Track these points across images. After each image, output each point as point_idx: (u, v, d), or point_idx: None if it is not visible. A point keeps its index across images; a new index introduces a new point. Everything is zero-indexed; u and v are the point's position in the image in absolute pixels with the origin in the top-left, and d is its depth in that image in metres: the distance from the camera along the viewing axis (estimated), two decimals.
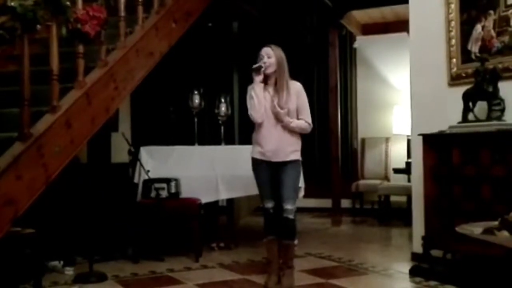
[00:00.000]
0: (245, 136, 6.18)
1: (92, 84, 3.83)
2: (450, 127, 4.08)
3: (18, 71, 3.35)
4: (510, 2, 4.02)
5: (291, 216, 3.83)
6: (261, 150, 3.88)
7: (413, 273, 4.15)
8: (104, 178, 4.86)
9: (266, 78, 3.87)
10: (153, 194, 4.77)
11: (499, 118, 3.85)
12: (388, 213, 7.11)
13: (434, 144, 4.12)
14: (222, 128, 5.64)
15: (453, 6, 4.35)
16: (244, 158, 4.24)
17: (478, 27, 4.22)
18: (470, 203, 3.78)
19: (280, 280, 3.89)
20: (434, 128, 4.16)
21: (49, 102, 3.50)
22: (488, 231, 2.30)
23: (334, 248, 5.31)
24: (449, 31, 4.38)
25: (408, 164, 6.28)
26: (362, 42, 8.01)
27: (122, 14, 4.26)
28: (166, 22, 4.77)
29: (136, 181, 5.06)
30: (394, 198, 7.13)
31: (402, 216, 6.39)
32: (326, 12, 6.85)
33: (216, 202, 5.45)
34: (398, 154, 7.48)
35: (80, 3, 3.73)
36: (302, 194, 5.02)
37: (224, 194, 5.18)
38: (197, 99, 5.49)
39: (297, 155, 3.92)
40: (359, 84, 8.08)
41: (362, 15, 7.53)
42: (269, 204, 3.91)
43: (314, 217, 7.50)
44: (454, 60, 4.36)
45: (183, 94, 5.73)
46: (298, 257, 4.57)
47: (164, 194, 4.78)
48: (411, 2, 4.75)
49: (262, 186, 3.94)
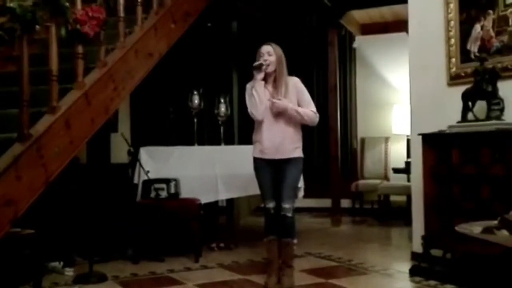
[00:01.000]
0: (244, 136, 6.19)
1: (91, 84, 3.83)
2: (450, 127, 4.08)
3: (17, 72, 3.34)
4: (509, 1, 4.02)
5: (289, 214, 3.84)
6: (262, 148, 3.88)
7: (413, 272, 4.15)
8: (103, 178, 4.87)
9: (265, 76, 3.88)
10: (152, 195, 4.78)
11: (499, 118, 3.85)
12: (387, 212, 7.11)
13: (434, 143, 4.12)
14: (222, 128, 5.63)
15: (452, 6, 4.36)
16: (243, 158, 4.24)
17: (477, 27, 4.22)
18: (470, 203, 3.78)
19: (280, 280, 3.88)
20: (433, 127, 4.16)
21: (48, 103, 3.49)
22: (487, 231, 2.31)
23: (334, 248, 5.31)
24: (448, 31, 4.38)
25: (407, 163, 6.28)
26: (361, 42, 8.01)
27: (121, 14, 4.25)
28: (165, 23, 4.77)
29: (135, 181, 5.05)
30: (393, 198, 7.13)
31: (402, 215, 6.38)
32: (325, 12, 6.84)
33: (216, 202, 5.45)
34: (397, 153, 7.47)
35: (79, 4, 3.73)
36: (301, 194, 5.03)
37: (223, 194, 5.18)
38: (196, 99, 5.49)
39: (299, 152, 3.93)
40: (359, 83, 8.08)
41: (362, 15, 7.53)
42: (270, 204, 3.91)
43: (313, 217, 7.50)
44: (453, 59, 4.36)
45: (183, 94, 5.73)
46: (298, 257, 4.57)
47: (163, 194, 4.79)
48: (410, 2, 4.75)
49: (264, 186, 3.93)
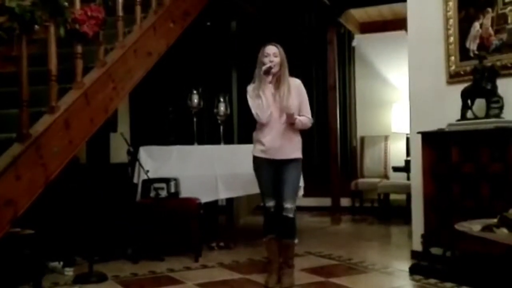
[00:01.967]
0: (244, 135, 6.19)
1: (90, 84, 3.83)
2: (449, 125, 4.08)
3: (16, 72, 3.34)
4: None
5: (291, 215, 3.84)
6: (263, 148, 3.88)
7: (412, 271, 4.15)
8: (103, 178, 4.86)
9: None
10: (152, 194, 4.78)
11: (498, 116, 3.85)
12: (387, 211, 7.11)
13: (433, 142, 4.12)
14: (221, 127, 5.63)
15: (451, 4, 4.35)
16: (243, 157, 4.24)
17: (476, 25, 4.22)
18: (469, 201, 3.79)
19: (280, 279, 3.89)
20: (433, 126, 4.16)
21: (47, 103, 3.49)
22: (487, 229, 2.30)
23: (334, 246, 5.31)
24: (447, 29, 4.38)
25: (407, 162, 6.29)
26: (360, 41, 8.01)
27: (120, 14, 4.25)
28: (164, 22, 4.76)
29: (135, 181, 5.06)
30: (393, 196, 7.13)
31: (402, 214, 6.39)
32: (324, 10, 6.85)
33: (215, 202, 5.45)
34: (397, 152, 7.48)
35: (78, 4, 3.72)
36: (301, 193, 5.02)
37: (223, 194, 5.18)
38: (196, 99, 5.49)
39: (299, 153, 3.95)
40: (358, 82, 8.08)
41: (360, 13, 7.53)
42: (270, 203, 3.91)
43: (313, 216, 7.50)
44: (453, 58, 4.36)
45: (182, 93, 5.73)
46: (298, 256, 4.57)
47: (163, 194, 4.79)
48: (409, 0, 4.74)
49: (264, 185, 3.93)
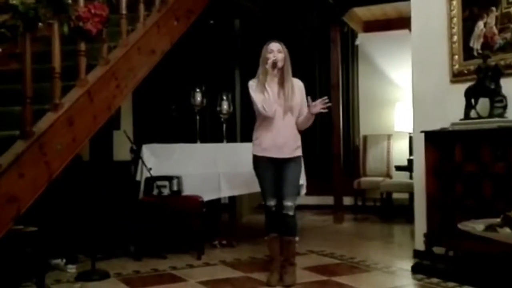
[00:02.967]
0: (247, 133, 6.17)
1: (94, 82, 3.83)
2: (452, 124, 4.07)
3: (20, 69, 3.35)
4: None
5: (291, 212, 3.84)
6: (264, 146, 3.88)
7: (415, 270, 4.15)
8: (106, 176, 4.87)
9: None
10: (155, 192, 4.78)
11: (501, 115, 3.85)
12: (390, 210, 7.10)
13: (436, 141, 4.11)
14: (224, 125, 5.64)
15: (455, 3, 4.34)
16: (246, 155, 4.23)
17: (480, 24, 4.21)
18: (472, 200, 3.78)
19: (282, 277, 3.89)
20: (436, 125, 4.15)
21: (51, 100, 3.49)
22: (490, 228, 2.30)
23: (336, 245, 5.31)
24: (451, 28, 4.37)
25: (410, 161, 6.28)
26: (364, 39, 8.00)
27: (124, 12, 4.26)
28: (168, 20, 4.77)
29: (138, 178, 5.05)
30: (396, 195, 7.13)
31: (404, 213, 6.39)
32: (328, 9, 6.84)
33: (218, 200, 5.45)
34: (400, 151, 7.47)
35: (81, 1, 3.72)
36: (304, 191, 5.03)
37: (226, 192, 5.18)
38: (199, 97, 5.49)
39: (299, 152, 3.96)
40: (361, 81, 8.08)
41: (364, 12, 7.51)
42: (271, 202, 3.90)
43: (315, 214, 7.50)
44: (456, 57, 4.35)
45: (185, 91, 5.73)
46: (300, 254, 4.57)
47: (166, 191, 4.79)
48: None
49: (265, 184, 3.93)
